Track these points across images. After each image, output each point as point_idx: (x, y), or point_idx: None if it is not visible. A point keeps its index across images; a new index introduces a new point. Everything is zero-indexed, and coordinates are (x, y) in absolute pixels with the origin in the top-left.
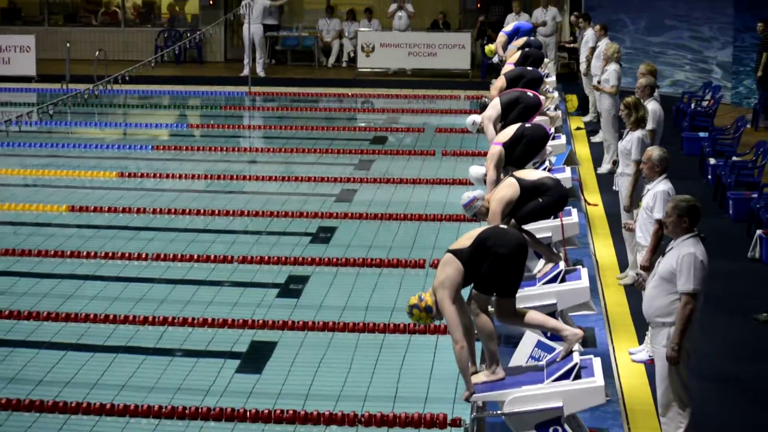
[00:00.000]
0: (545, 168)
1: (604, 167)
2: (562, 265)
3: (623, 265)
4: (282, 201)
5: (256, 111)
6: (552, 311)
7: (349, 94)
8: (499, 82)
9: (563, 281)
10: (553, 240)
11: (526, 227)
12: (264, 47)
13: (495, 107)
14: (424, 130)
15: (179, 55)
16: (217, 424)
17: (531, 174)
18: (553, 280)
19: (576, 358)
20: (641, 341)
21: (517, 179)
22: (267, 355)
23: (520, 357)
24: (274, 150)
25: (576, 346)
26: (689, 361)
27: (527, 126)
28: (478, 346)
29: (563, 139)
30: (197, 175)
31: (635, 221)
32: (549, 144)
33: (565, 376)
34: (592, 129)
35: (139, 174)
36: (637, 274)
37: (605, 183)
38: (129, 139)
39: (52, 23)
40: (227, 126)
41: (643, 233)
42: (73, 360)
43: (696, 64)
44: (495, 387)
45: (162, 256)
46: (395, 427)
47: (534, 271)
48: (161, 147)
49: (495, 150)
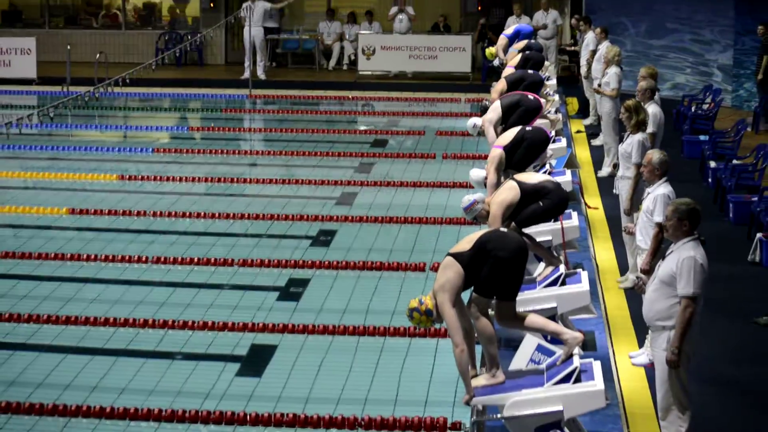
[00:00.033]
0: (545, 171)
1: (604, 170)
2: (562, 269)
3: (623, 269)
4: (282, 204)
5: (256, 114)
6: (552, 314)
7: (350, 96)
8: (500, 85)
9: (563, 284)
10: (554, 243)
11: (526, 230)
12: (265, 50)
13: (496, 110)
14: (424, 133)
15: (180, 58)
16: (218, 427)
17: (531, 177)
18: (554, 283)
19: (576, 361)
20: (641, 345)
21: (518, 182)
22: (267, 359)
23: (520, 360)
24: (274, 153)
25: (576, 349)
26: (689, 365)
27: (528, 129)
28: (478, 349)
29: (564, 142)
30: (198, 178)
31: (635, 224)
32: (549, 147)
33: (566, 379)
34: (592, 132)
35: (140, 177)
36: (638, 277)
37: (605, 186)
38: (129, 142)
39: (52, 26)
40: (228, 129)
41: (644, 236)
42: (73, 363)
43: (697, 67)
44: (495, 390)
45: (162, 259)
46: (395, 431)
47: (534, 275)
48: (162, 150)
49: (495, 153)
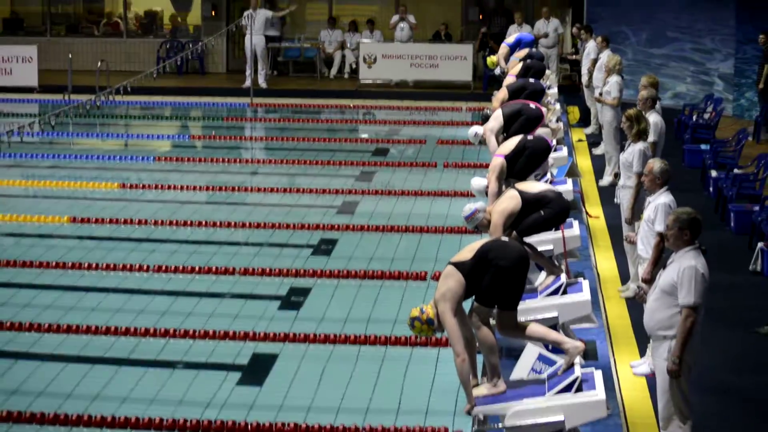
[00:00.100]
0: (547, 180)
1: (605, 179)
2: (563, 278)
3: (624, 278)
4: (283, 213)
5: (257, 122)
6: (553, 324)
7: (351, 105)
8: (501, 93)
9: (564, 294)
10: (555, 252)
11: (527, 239)
12: (266, 58)
13: (497, 119)
14: (425, 141)
15: (181, 66)
16: None
17: (533, 186)
18: (555, 292)
19: (577, 371)
20: (643, 354)
21: (519, 192)
22: (268, 368)
23: (521, 370)
24: (275, 161)
25: (577, 359)
26: (690, 375)
27: (529, 138)
28: (479, 358)
29: (565, 151)
30: (199, 187)
31: (637, 233)
32: (551, 156)
33: (567, 389)
34: (593, 141)
35: (141, 185)
36: (639, 287)
37: (607, 195)
38: (131, 150)
39: (54, 34)
40: (229, 137)
41: (645, 246)
42: (75, 372)
43: (698, 76)
44: (496, 400)
45: (163, 267)
46: None
47: (535, 284)
48: (163, 158)
49: (497, 162)
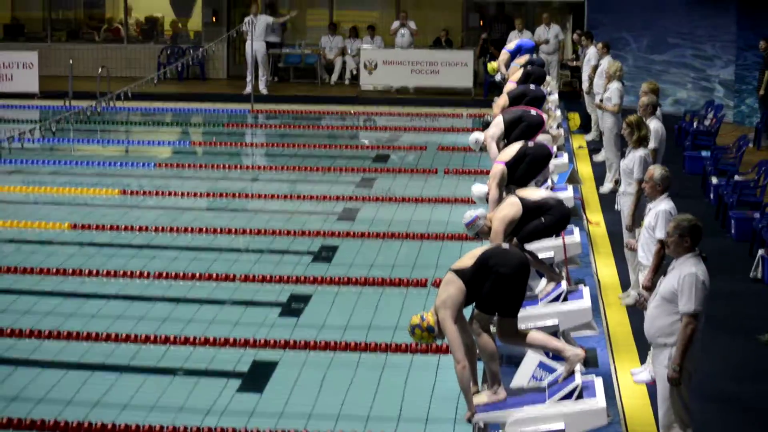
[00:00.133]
0: (547, 186)
1: (606, 186)
2: (563, 285)
3: (625, 285)
4: (284, 219)
5: (258, 128)
6: (554, 331)
7: (352, 111)
8: (502, 100)
9: (565, 301)
10: (555, 259)
11: (528, 246)
12: (267, 64)
13: (498, 125)
14: (426, 148)
15: (182, 72)
16: None
17: (533, 193)
18: (555, 299)
19: (578, 378)
20: (643, 361)
21: (520, 198)
22: (269, 375)
23: (521, 377)
24: (276, 168)
25: (578, 366)
26: (691, 382)
27: (530, 145)
28: (480, 366)
29: (566, 158)
30: (199, 193)
31: (637, 240)
32: (551, 162)
33: (567, 396)
34: (594, 147)
35: (142, 191)
36: (639, 294)
37: (607, 202)
38: (131, 157)
39: (55, 39)
40: (230, 143)
41: (645, 253)
42: (75, 379)
43: (698, 82)
44: (497, 407)
45: (164, 274)
46: None
47: (536, 291)
48: (163, 164)
49: (497, 169)
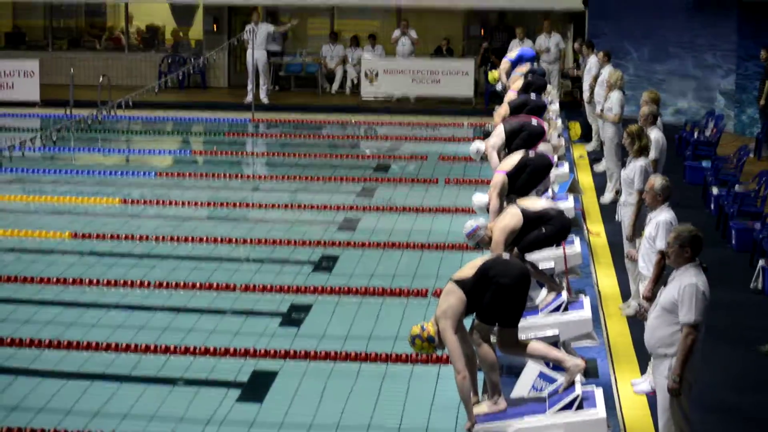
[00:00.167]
0: (548, 196)
1: (606, 196)
2: (564, 295)
3: (626, 295)
4: (285, 229)
5: (259, 137)
6: (554, 341)
7: (353, 120)
8: (503, 109)
9: (566, 311)
10: (556, 270)
11: (528, 256)
12: (267, 73)
13: (499, 135)
14: (427, 157)
15: (183, 81)
16: None
17: (534, 203)
18: (556, 310)
19: (578, 389)
20: (643, 372)
21: (521, 208)
22: (269, 384)
23: (522, 387)
24: (277, 177)
25: (578, 376)
26: (691, 393)
27: (531, 155)
28: (480, 376)
29: (566, 168)
30: (200, 203)
31: (638, 251)
32: (552, 172)
33: (567, 407)
34: (595, 157)
35: (142, 200)
36: (640, 304)
37: (608, 212)
38: (132, 166)
39: (56, 48)
40: (230, 153)
41: (646, 263)
42: (75, 388)
43: (699, 92)
44: (497, 417)
45: (164, 283)
46: None
47: (536, 301)
48: (164, 173)
49: (498, 178)
